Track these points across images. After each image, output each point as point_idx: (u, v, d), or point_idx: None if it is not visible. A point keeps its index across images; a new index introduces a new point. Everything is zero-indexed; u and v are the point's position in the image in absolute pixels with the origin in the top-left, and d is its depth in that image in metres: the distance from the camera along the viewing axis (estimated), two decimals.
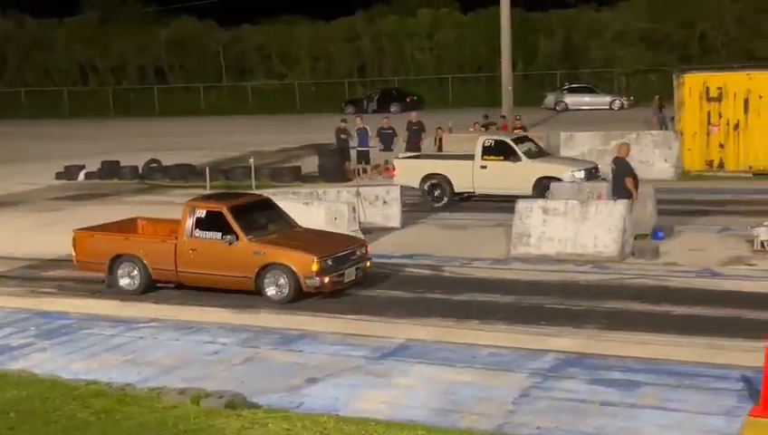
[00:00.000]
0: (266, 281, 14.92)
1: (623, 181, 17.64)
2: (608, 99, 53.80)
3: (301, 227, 16.53)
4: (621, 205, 17.01)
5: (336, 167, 29.12)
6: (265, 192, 21.35)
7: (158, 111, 66.61)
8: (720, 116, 26.38)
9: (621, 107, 52.32)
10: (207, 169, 23.21)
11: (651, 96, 37.86)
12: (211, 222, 15.31)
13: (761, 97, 25.89)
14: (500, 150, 23.05)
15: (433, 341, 12.63)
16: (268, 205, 16.55)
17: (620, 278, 15.65)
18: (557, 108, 53.43)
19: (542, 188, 21.84)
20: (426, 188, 23.82)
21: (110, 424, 9.95)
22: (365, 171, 29.51)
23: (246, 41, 71.23)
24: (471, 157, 23.30)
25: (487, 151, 23.14)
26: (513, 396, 10.47)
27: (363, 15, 70.99)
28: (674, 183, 24.97)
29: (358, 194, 20.55)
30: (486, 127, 33.50)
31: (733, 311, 13.43)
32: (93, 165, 32.66)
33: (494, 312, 13.98)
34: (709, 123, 26.38)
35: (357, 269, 15.34)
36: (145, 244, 16.05)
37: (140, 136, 48.47)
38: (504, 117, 34.98)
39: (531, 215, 17.41)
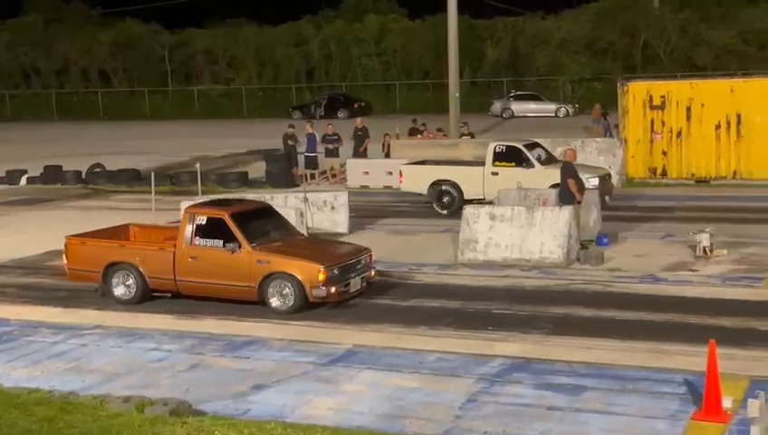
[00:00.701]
0: (270, 291, 14.43)
1: (567, 184, 18.02)
2: (553, 106, 54.37)
3: (302, 234, 16.24)
4: (567, 211, 17.19)
5: (283, 172, 29.03)
6: (212, 197, 21.23)
7: (101, 115, 65.83)
8: (663, 124, 26.82)
9: (567, 114, 52.94)
10: (153, 174, 22.91)
11: (596, 104, 38.34)
12: (212, 229, 14.74)
13: (703, 105, 26.39)
14: (512, 157, 22.66)
15: (381, 347, 12.63)
16: (269, 212, 16.08)
17: (566, 284, 15.80)
18: (503, 115, 53.85)
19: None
20: (434, 194, 23.49)
21: (52, 433, 9.80)
22: (313, 177, 29.48)
23: (192, 44, 70.64)
24: (482, 163, 22.98)
25: (499, 157, 22.74)
26: (460, 401, 10.50)
27: (310, 20, 70.84)
28: (618, 190, 25.28)
29: (305, 199, 20.48)
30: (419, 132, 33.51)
31: (675, 316, 13.62)
32: (36, 169, 32.18)
33: (442, 317, 14.02)
34: (652, 131, 26.79)
35: (362, 279, 14.95)
36: (142, 251, 15.41)
37: (84, 140, 47.85)
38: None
39: (478, 221, 17.51)
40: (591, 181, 21.70)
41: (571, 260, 16.99)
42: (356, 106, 57.27)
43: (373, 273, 15.41)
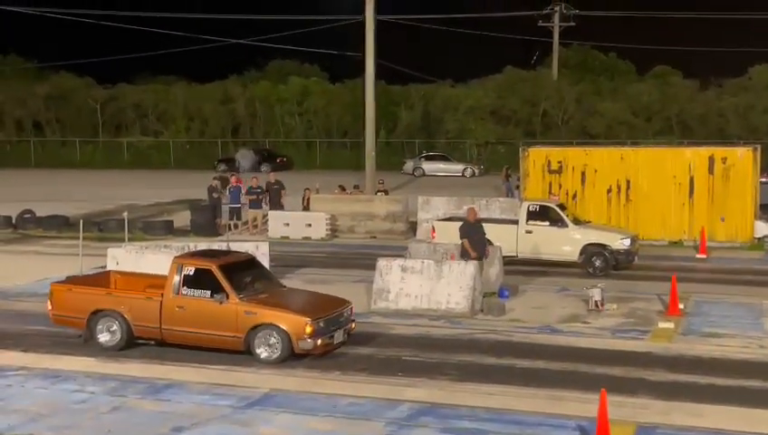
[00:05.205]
0: (257, 341, 13.86)
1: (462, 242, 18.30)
2: (461, 167, 55.23)
3: (284, 285, 15.79)
4: (472, 265, 17.37)
5: (208, 222, 28.72)
6: (138, 244, 20.85)
7: (33, 163, 64.40)
8: (560, 187, 27.37)
9: (473, 174, 53.80)
10: (81, 221, 22.39)
11: (499, 166, 39.11)
12: (200, 280, 14.20)
13: (596, 171, 27.07)
14: (546, 216, 22.19)
15: (297, 391, 12.49)
16: (254, 264, 15.58)
17: (470, 333, 15.89)
18: (415, 173, 54.44)
19: (588, 254, 21.54)
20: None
21: None
22: (236, 226, 29.22)
23: (123, 99, 69.83)
24: (515, 221, 22.59)
25: (532, 216, 22.25)
26: None
27: (237, 80, 70.87)
28: None
29: (228, 248, 20.19)
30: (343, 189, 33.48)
31: (570, 365, 13.79)
32: None
33: (355, 363, 13.95)
34: (550, 193, 27.29)
35: (344, 331, 14.46)
36: (128, 300, 14.71)
37: (15, 187, 46.64)
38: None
39: (390, 272, 17.56)
40: (624, 241, 21.78)
41: (476, 311, 17.13)
42: (279, 161, 57.19)
43: (353, 325, 14.95)
